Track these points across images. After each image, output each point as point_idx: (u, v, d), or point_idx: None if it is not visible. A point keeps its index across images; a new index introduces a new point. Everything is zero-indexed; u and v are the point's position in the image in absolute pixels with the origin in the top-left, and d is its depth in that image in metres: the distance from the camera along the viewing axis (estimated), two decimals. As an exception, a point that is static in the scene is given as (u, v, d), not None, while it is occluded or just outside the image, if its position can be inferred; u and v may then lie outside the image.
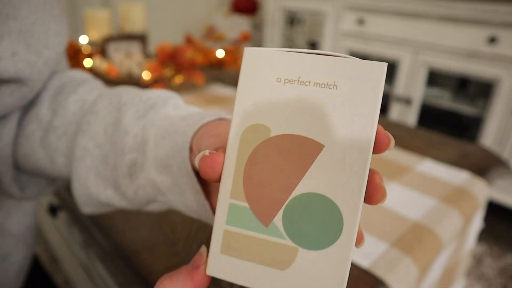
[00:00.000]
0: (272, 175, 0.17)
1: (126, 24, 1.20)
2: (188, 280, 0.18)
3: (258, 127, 0.18)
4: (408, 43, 1.75)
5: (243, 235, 0.18)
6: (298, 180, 0.17)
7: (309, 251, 0.17)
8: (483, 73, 1.55)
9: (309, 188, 0.17)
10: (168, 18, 2.74)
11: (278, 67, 0.18)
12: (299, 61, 0.17)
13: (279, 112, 0.17)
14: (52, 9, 0.33)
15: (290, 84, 0.17)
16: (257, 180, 0.18)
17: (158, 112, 0.29)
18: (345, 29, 2.00)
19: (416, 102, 1.80)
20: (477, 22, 1.52)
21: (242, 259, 0.18)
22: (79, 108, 0.33)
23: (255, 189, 0.17)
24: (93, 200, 0.32)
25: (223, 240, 0.18)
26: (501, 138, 1.54)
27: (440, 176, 0.60)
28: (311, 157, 0.17)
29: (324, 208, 0.17)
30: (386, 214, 0.50)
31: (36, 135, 0.34)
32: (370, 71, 0.17)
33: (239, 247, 0.18)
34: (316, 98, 0.17)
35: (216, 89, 1.04)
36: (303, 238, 0.17)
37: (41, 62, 0.31)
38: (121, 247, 0.44)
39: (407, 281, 0.40)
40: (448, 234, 0.48)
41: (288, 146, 0.17)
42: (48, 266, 1.20)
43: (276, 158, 0.17)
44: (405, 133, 0.79)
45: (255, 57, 0.18)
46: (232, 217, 0.18)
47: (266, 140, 0.17)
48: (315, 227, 0.17)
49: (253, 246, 0.17)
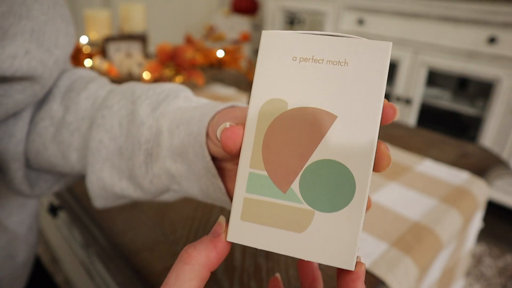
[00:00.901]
0: (289, 144, 0.19)
1: (126, 24, 1.20)
2: (211, 247, 0.19)
3: (276, 101, 0.19)
4: (408, 43, 1.75)
5: (262, 201, 0.19)
6: (313, 149, 0.18)
7: (324, 214, 0.18)
8: (483, 73, 1.55)
9: (324, 155, 0.18)
10: (168, 18, 2.74)
11: (293, 47, 0.19)
12: (313, 41, 0.19)
13: (295, 87, 0.19)
14: (62, 10, 0.34)
15: (305, 62, 0.19)
16: (275, 150, 0.19)
17: (170, 104, 0.30)
18: (345, 29, 2.00)
19: (416, 102, 1.80)
20: (477, 22, 1.53)
21: (261, 224, 0.19)
22: (91, 104, 0.34)
23: (273, 158, 0.19)
24: (108, 192, 0.33)
25: (243, 207, 0.19)
26: (500, 138, 1.54)
27: (440, 176, 0.60)
28: (325, 127, 0.18)
29: (338, 173, 0.18)
30: (386, 214, 0.50)
31: (49, 131, 0.34)
32: (377, 49, 0.19)
33: (258, 213, 0.19)
34: (329, 74, 0.19)
35: (216, 89, 1.04)
36: (318, 202, 0.18)
37: (52, 60, 0.32)
38: (121, 247, 0.44)
39: (407, 281, 0.40)
40: (448, 234, 0.48)
41: (304, 118, 0.19)
42: (48, 266, 1.20)
43: (292, 129, 0.19)
44: (405, 133, 0.79)
45: (272, 38, 0.20)
46: (251, 185, 0.19)
47: (283, 113, 0.19)
48: (330, 191, 0.18)
49: (271, 212, 0.19)
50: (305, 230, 0.18)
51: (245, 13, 2.78)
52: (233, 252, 0.43)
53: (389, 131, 0.80)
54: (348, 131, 0.18)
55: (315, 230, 0.18)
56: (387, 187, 0.56)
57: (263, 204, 0.19)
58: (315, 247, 0.18)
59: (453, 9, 1.57)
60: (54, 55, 0.32)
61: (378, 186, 0.56)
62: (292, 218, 0.18)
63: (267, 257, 0.42)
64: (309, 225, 0.18)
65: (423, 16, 1.68)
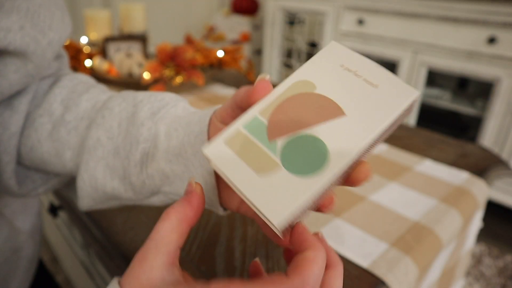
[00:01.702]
0: (297, 113, 0.22)
1: (126, 24, 1.20)
2: (186, 203, 0.22)
3: (309, 83, 0.24)
4: (408, 44, 1.75)
5: (249, 139, 0.22)
6: (313, 125, 0.22)
7: (286, 172, 0.21)
8: (483, 73, 1.55)
9: (317, 133, 0.22)
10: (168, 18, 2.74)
11: (346, 59, 0.24)
12: (362, 62, 0.24)
13: (329, 82, 0.23)
14: (57, 0, 0.35)
15: (348, 71, 0.24)
16: (284, 112, 0.23)
17: (169, 111, 0.31)
18: (345, 29, 2.00)
19: (416, 102, 1.80)
20: (477, 22, 1.53)
21: (236, 154, 0.22)
22: (92, 105, 0.35)
23: (279, 116, 0.22)
24: (98, 192, 0.33)
25: (232, 135, 0.22)
26: (500, 138, 1.54)
27: (439, 176, 0.61)
28: (332, 116, 0.22)
29: (318, 152, 0.21)
30: (386, 214, 0.50)
31: (46, 128, 0.35)
32: (403, 91, 0.23)
33: (240, 146, 0.22)
34: (360, 87, 0.23)
35: (216, 89, 1.04)
36: (289, 162, 0.21)
37: (45, 41, 0.33)
38: (121, 246, 0.44)
39: (407, 280, 0.40)
40: (448, 234, 0.48)
41: (321, 103, 0.23)
42: (49, 266, 1.21)
43: (308, 105, 0.23)
44: (405, 133, 0.79)
45: (336, 48, 0.25)
46: (250, 125, 0.23)
47: (309, 92, 0.23)
48: (303, 160, 0.21)
49: (250, 150, 0.22)
50: (264, 176, 0.21)
51: (245, 13, 2.78)
52: (233, 252, 0.43)
53: (389, 131, 0.80)
54: (346, 129, 0.22)
55: (272, 179, 0.21)
56: (387, 187, 0.57)
57: (248, 141, 0.22)
58: (263, 192, 0.20)
59: (453, 9, 1.57)
60: (48, 37, 0.33)
61: (378, 186, 0.56)
62: (261, 161, 0.21)
63: (267, 257, 0.42)
64: (270, 173, 0.21)
65: (423, 16, 1.68)
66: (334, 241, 0.45)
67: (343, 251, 0.43)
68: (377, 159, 0.65)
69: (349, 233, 0.46)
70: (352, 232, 0.46)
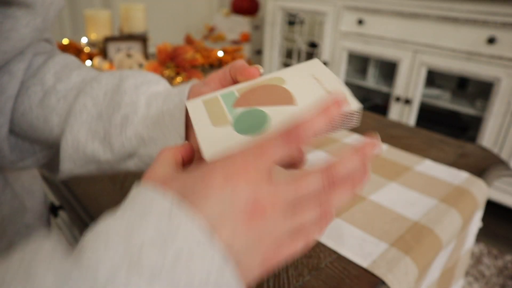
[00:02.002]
0: (262, 95, 0.29)
1: (127, 24, 1.20)
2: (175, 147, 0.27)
3: (282, 80, 0.31)
4: (408, 44, 1.76)
5: (219, 102, 0.30)
6: (268, 105, 0.28)
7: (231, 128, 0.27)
8: (482, 73, 1.55)
9: (267, 110, 0.28)
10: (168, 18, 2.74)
11: (319, 72, 0.31)
12: (330, 77, 0.30)
13: (297, 82, 0.30)
14: None
15: (315, 80, 0.30)
16: (254, 92, 0.30)
17: (151, 87, 0.36)
18: (344, 30, 2.00)
19: (416, 102, 1.80)
20: (476, 22, 1.53)
21: (206, 109, 0.29)
22: (82, 79, 0.38)
23: (248, 95, 0.30)
24: (79, 153, 0.36)
25: (210, 97, 0.30)
26: (500, 138, 1.54)
27: (439, 176, 0.61)
28: (284, 103, 0.29)
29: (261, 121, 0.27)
30: (386, 214, 0.50)
31: (38, 95, 0.38)
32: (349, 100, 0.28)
33: (211, 105, 0.30)
34: (318, 91, 0.29)
35: (216, 89, 1.04)
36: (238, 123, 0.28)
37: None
38: (122, 246, 0.44)
39: (407, 280, 0.40)
40: (448, 234, 0.49)
41: (282, 94, 0.29)
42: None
43: (272, 93, 0.29)
44: (404, 133, 0.79)
45: (316, 63, 0.32)
46: (226, 95, 0.30)
47: (278, 85, 0.30)
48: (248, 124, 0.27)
49: (217, 109, 0.29)
50: (216, 126, 0.28)
51: (245, 14, 2.78)
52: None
53: (388, 131, 0.80)
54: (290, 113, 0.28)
55: (220, 130, 0.27)
56: (387, 187, 0.57)
57: (218, 104, 0.29)
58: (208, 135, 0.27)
59: (453, 9, 1.57)
60: None
61: (378, 186, 0.57)
62: (220, 118, 0.28)
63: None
64: (221, 126, 0.28)
65: (422, 16, 1.68)
66: (334, 241, 0.45)
67: (343, 251, 0.43)
68: (377, 159, 0.65)
69: (349, 233, 0.46)
70: (352, 232, 0.46)
